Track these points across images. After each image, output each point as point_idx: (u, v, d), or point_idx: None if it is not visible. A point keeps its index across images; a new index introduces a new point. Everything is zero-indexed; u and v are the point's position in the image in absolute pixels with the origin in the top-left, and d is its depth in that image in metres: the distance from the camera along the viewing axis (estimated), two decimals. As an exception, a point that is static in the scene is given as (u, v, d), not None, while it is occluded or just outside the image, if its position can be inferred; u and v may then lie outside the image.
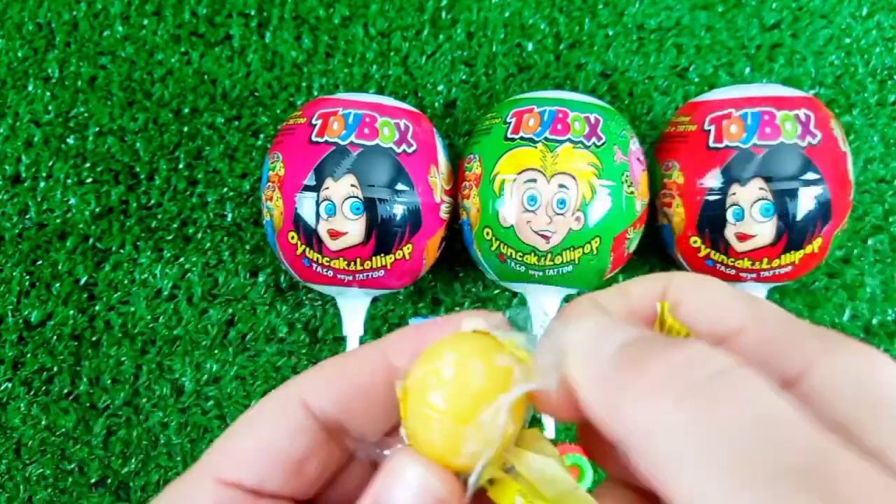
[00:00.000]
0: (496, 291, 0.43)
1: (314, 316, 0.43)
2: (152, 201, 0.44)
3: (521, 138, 0.35)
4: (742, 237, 0.35)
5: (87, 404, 0.42)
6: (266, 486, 0.19)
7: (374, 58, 0.45)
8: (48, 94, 0.45)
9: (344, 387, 0.20)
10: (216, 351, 0.42)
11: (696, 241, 0.37)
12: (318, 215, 0.35)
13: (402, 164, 0.35)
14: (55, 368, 0.42)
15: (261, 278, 0.43)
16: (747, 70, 0.45)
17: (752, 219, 0.35)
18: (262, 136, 0.44)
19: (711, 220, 0.36)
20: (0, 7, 0.46)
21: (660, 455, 0.13)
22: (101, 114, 0.45)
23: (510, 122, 0.36)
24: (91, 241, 0.44)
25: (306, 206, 0.35)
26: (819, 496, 0.12)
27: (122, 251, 0.43)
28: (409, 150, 0.36)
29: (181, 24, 0.46)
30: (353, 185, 0.35)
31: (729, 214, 0.35)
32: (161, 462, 0.41)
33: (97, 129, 0.45)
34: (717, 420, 0.13)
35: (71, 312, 0.43)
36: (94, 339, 0.43)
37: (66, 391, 0.42)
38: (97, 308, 0.43)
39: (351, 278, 0.36)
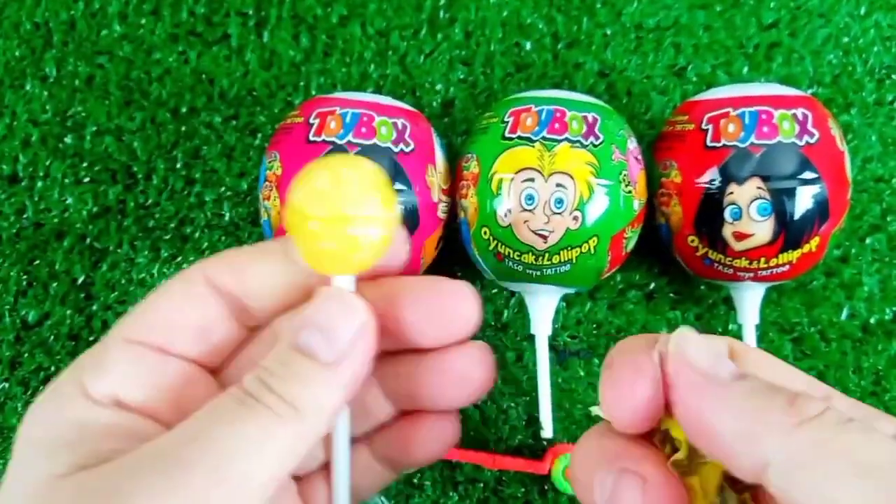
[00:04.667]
0: (494, 291, 0.43)
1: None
2: (150, 201, 0.44)
3: (519, 137, 0.35)
4: (740, 236, 0.35)
5: (85, 404, 0.42)
6: (172, 346, 0.21)
7: (371, 57, 0.45)
8: (45, 93, 0.45)
9: (244, 267, 0.22)
10: (214, 350, 0.42)
11: (693, 240, 0.37)
12: (315, 215, 0.35)
13: (399, 163, 0.35)
14: (52, 368, 0.42)
15: (258, 278, 0.43)
16: (745, 69, 0.45)
17: (749, 218, 0.35)
18: (259, 135, 0.44)
19: (709, 219, 0.36)
20: (-3, 6, 0.46)
21: (808, 483, 0.15)
22: (99, 113, 0.45)
23: (508, 122, 0.36)
24: (88, 240, 0.44)
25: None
26: None
27: (119, 251, 0.43)
28: (407, 150, 0.36)
29: (179, 23, 0.46)
30: (350, 185, 0.35)
31: (726, 213, 0.35)
32: (159, 462, 0.41)
33: (94, 128, 0.45)
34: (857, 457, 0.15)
35: (68, 312, 0.43)
36: (91, 338, 0.43)
37: (63, 391, 0.42)
38: (94, 308, 0.43)
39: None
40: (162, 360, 0.21)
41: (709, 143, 0.36)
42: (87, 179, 0.44)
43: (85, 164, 0.44)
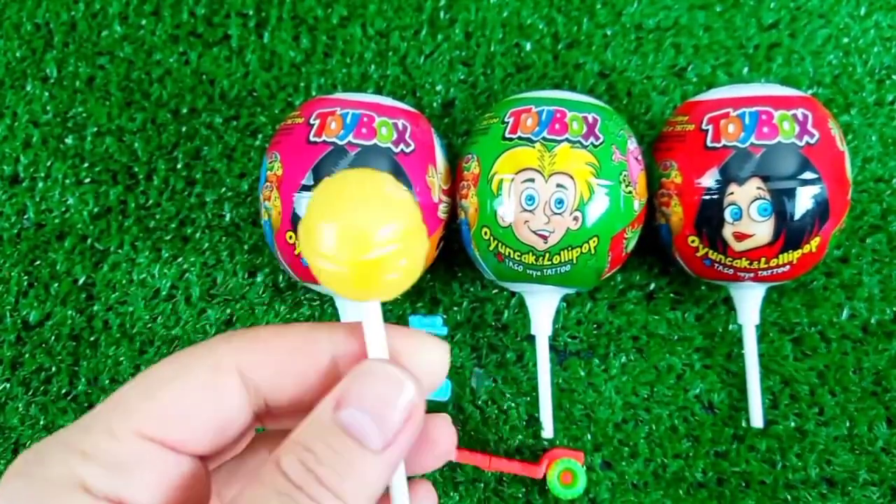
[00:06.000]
0: (494, 291, 0.43)
1: (313, 316, 0.43)
2: (150, 201, 0.44)
3: (519, 138, 0.35)
4: (740, 236, 0.35)
5: (86, 404, 0.42)
6: (187, 446, 0.19)
7: (372, 58, 0.45)
8: (46, 94, 0.45)
9: (280, 364, 0.20)
10: (214, 351, 0.42)
11: (693, 240, 0.37)
12: (315, 215, 0.35)
13: (399, 163, 0.35)
14: (53, 368, 0.42)
15: (259, 278, 0.43)
16: (745, 70, 0.45)
17: (749, 218, 0.35)
18: (260, 136, 0.44)
19: (709, 219, 0.36)
20: (-2, 7, 0.46)
21: None
22: (100, 114, 0.45)
23: (508, 122, 0.36)
24: (89, 241, 0.44)
25: (304, 206, 0.35)
26: None
27: (120, 251, 0.43)
28: (407, 150, 0.36)
29: (179, 24, 0.46)
30: (350, 185, 0.35)
31: (727, 214, 0.35)
32: (159, 462, 0.41)
33: (95, 129, 0.45)
34: None
35: (69, 312, 0.43)
36: (92, 339, 0.43)
37: (64, 391, 0.42)
38: (95, 308, 0.43)
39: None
40: (174, 460, 0.19)
41: (709, 144, 0.36)
42: (87, 180, 0.44)
43: (86, 165, 0.44)
